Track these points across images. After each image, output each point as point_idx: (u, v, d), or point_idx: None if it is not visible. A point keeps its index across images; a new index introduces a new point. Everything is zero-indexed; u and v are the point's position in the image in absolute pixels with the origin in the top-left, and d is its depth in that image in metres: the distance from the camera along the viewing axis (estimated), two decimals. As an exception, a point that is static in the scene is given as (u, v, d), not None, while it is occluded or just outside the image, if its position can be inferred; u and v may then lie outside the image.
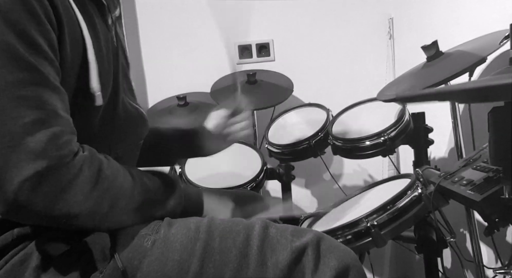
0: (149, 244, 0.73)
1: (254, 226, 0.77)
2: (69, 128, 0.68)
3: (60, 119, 0.66)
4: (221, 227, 0.76)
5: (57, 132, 0.65)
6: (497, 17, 1.19)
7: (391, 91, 1.23)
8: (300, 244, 0.74)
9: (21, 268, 0.69)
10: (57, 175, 0.63)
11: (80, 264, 0.70)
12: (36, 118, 0.63)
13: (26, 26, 0.64)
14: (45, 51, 0.66)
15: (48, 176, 0.62)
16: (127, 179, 0.74)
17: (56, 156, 0.63)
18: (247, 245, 0.74)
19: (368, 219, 0.99)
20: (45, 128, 0.63)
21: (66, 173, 0.65)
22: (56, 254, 0.69)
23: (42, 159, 0.62)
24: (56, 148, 0.64)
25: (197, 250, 0.72)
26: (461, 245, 1.44)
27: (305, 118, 1.69)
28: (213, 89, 1.84)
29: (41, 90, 0.65)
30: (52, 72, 0.67)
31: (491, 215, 0.88)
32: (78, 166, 0.66)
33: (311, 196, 2.12)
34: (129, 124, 0.87)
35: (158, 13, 1.98)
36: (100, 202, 0.68)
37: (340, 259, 0.74)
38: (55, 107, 0.66)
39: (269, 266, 0.72)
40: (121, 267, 0.69)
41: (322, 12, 1.97)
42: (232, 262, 0.72)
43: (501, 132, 0.76)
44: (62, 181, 0.64)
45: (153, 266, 0.71)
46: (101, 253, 0.70)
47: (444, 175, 1.00)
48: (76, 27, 0.73)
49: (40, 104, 0.64)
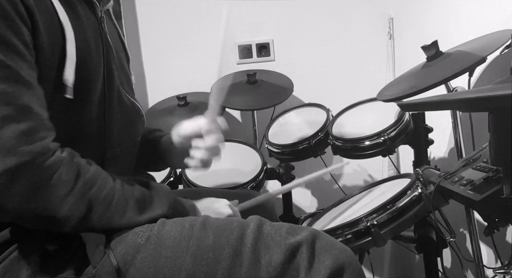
0: (142, 240, 0.73)
1: (249, 224, 0.76)
2: (43, 124, 0.66)
3: (32, 115, 0.65)
4: (215, 225, 0.76)
5: (28, 128, 0.63)
6: (497, 17, 1.19)
7: (391, 91, 1.23)
8: (294, 242, 0.73)
9: (18, 266, 0.70)
10: (31, 173, 0.63)
11: (75, 260, 0.71)
12: (5, 114, 0.62)
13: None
14: (15, 46, 0.64)
15: (20, 173, 0.61)
16: (108, 185, 0.73)
17: (27, 152, 0.62)
18: (241, 243, 0.73)
19: (368, 218, 0.99)
20: (14, 123, 0.62)
21: (41, 173, 0.64)
22: (51, 249, 0.70)
23: (12, 155, 0.61)
24: (26, 144, 0.62)
25: (190, 247, 0.72)
26: (461, 245, 1.44)
27: (305, 118, 1.69)
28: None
29: (11, 86, 0.63)
30: (24, 67, 0.65)
31: (491, 215, 0.88)
32: (54, 168, 0.65)
33: (311, 196, 2.12)
34: (125, 119, 0.86)
35: (158, 13, 1.98)
36: (76, 207, 0.68)
37: (336, 257, 0.72)
38: (27, 103, 0.64)
39: (262, 264, 0.72)
40: (115, 265, 0.70)
41: (322, 12, 1.97)
42: (225, 259, 0.72)
43: (501, 132, 0.76)
44: (37, 180, 0.63)
45: (146, 262, 0.71)
46: (95, 248, 0.71)
47: (444, 175, 1.00)
48: (53, 17, 0.71)
49: (9, 100, 0.63)
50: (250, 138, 1.98)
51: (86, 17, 0.78)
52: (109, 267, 0.70)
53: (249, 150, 1.65)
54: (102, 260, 0.70)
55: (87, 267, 0.70)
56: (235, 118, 2.07)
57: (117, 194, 0.74)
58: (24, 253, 0.70)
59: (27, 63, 0.66)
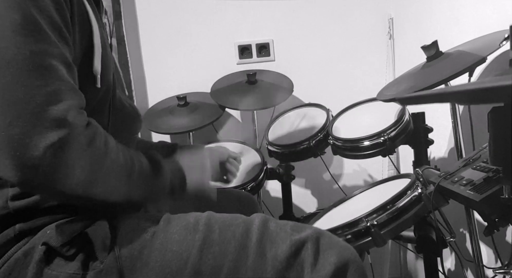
0: (148, 235, 0.74)
1: (254, 220, 0.78)
2: (82, 102, 0.70)
3: (76, 93, 0.69)
4: (220, 220, 0.78)
5: (75, 104, 0.67)
6: (497, 17, 1.20)
7: (391, 91, 1.23)
8: (299, 238, 0.75)
9: (25, 262, 0.71)
10: (76, 142, 0.65)
11: (81, 255, 0.71)
12: (57, 88, 0.65)
13: (46, 2, 0.67)
14: (61, 29, 0.68)
15: (69, 143, 0.64)
16: (125, 152, 0.77)
17: (75, 124, 0.66)
18: (246, 237, 0.75)
19: (368, 218, 0.99)
20: (65, 99, 0.66)
21: (83, 141, 0.67)
22: (57, 245, 0.70)
23: (64, 127, 0.64)
24: (74, 118, 0.66)
25: (196, 241, 0.73)
26: (461, 245, 1.44)
27: (305, 118, 1.69)
28: (213, 89, 1.84)
29: (60, 64, 0.67)
30: (66, 50, 0.69)
31: (491, 215, 0.88)
32: (91, 135, 0.69)
33: (311, 196, 2.12)
34: (123, 117, 0.88)
35: (158, 13, 1.98)
36: (109, 171, 0.70)
37: (340, 254, 0.74)
38: (72, 81, 0.68)
39: (268, 257, 0.73)
40: (120, 257, 0.71)
41: (322, 12, 1.97)
42: (231, 253, 0.73)
43: (501, 132, 0.76)
44: (80, 148, 0.66)
45: (152, 256, 0.72)
46: (101, 244, 0.72)
47: (444, 175, 1.00)
48: (83, 9, 0.75)
49: (61, 76, 0.66)
50: (250, 138, 1.98)
51: (97, 18, 0.81)
52: (116, 262, 0.71)
53: (249, 150, 1.65)
54: (109, 255, 0.71)
55: (94, 262, 0.71)
56: (235, 118, 2.07)
57: (144, 160, 0.79)
58: (29, 251, 0.71)
59: (69, 47, 0.70)
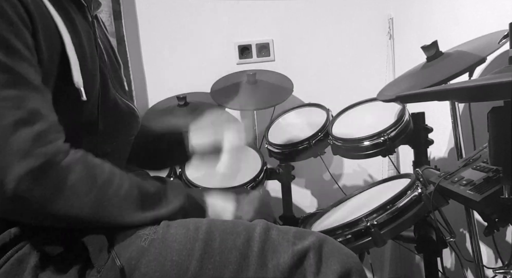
0: (146, 243, 0.72)
1: (255, 228, 0.76)
2: (54, 126, 0.67)
3: (43, 117, 0.66)
4: (221, 228, 0.76)
5: (41, 131, 0.64)
6: (497, 17, 1.19)
7: (391, 91, 1.23)
8: (302, 248, 0.73)
9: (20, 268, 0.69)
10: (50, 173, 0.63)
11: (78, 264, 0.70)
12: (17, 118, 0.62)
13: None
14: (20, 51, 0.65)
15: (41, 174, 0.62)
16: (125, 182, 0.74)
17: (43, 154, 0.63)
18: (248, 246, 0.73)
19: (368, 218, 0.99)
20: (28, 127, 0.63)
21: (60, 173, 0.64)
22: (53, 254, 0.69)
23: (30, 157, 0.61)
24: (42, 146, 0.63)
25: (196, 251, 0.72)
26: (461, 245, 1.44)
27: (305, 118, 1.69)
28: (213, 89, 1.84)
29: (20, 90, 0.64)
30: (30, 71, 0.66)
31: (491, 215, 0.88)
32: (71, 167, 0.66)
33: (311, 196, 2.12)
34: (119, 120, 0.87)
35: (158, 12, 1.98)
36: (96, 205, 0.68)
37: (343, 263, 0.73)
38: (37, 106, 0.65)
39: (269, 267, 0.72)
40: (119, 266, 0.69)
41: (322, 12, 1.97)
42: (232, 263, 0.71)
43: (501, 132, 0.76)
44: (57, 181, 0.64)
45: (151, 266, 0.70)
46: (98, 252, 0.70)
47: (444, 175, 1.00)
48: (50, 22, 0.71)
49: (20, 104, 0.63)
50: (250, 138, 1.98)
51: (79, 21, 0.78)
52: (114, 272, 0.69)
53: (249, 150, 1.65)
54: (106, 264, 0.70)
55: (91, 271, 0.70)
56: (235, 118, 2.07)
57: (135, 191, 0.75)
58: (25, 257, 0.70)
59: (33, 67, 0.67)
